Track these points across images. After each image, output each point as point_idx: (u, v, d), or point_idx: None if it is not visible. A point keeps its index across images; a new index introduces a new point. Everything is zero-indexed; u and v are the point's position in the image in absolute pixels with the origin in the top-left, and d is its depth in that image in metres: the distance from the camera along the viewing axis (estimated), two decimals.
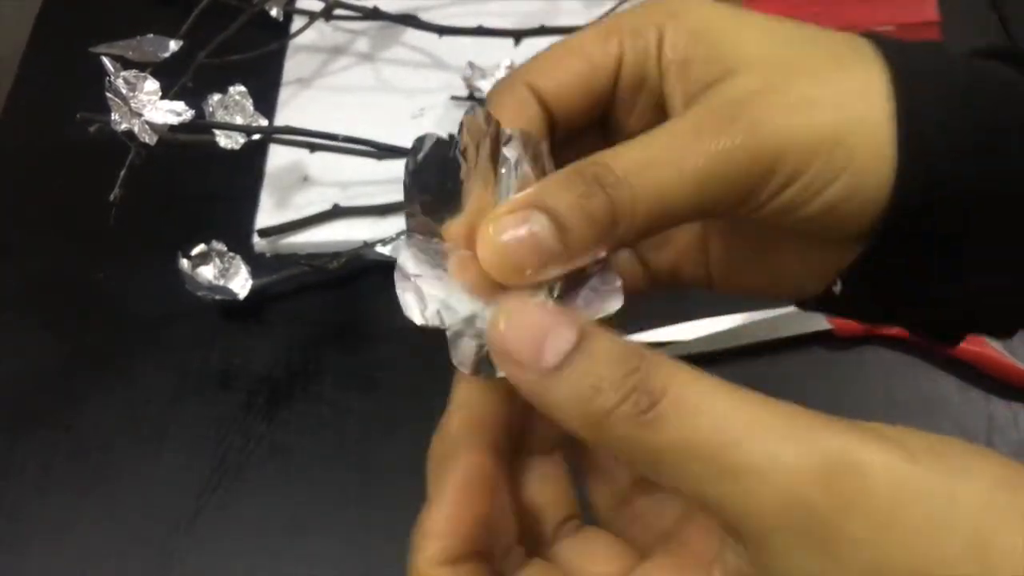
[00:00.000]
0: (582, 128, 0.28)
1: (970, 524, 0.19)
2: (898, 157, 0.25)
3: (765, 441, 0.20)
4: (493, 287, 0.24)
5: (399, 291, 0.25)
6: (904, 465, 0.20)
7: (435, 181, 0.26)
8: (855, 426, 0.21)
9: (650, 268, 0.31)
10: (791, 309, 0.52)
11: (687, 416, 0.20)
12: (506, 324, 0.22)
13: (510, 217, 0.23)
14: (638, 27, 0.27)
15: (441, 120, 0.61)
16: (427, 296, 0.24)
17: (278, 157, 0.60)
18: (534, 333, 0.22)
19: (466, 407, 0.25)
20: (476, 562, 0.24)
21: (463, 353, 0.24)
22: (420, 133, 0.28)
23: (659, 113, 0.27)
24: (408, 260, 0.25)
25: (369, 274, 0.55)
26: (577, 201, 0.23)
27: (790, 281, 0.29)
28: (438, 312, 0.24)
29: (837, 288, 0.28)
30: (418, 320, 0.24)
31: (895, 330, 0.51)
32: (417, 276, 0.25)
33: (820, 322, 0.51)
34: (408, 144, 0.27)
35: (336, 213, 0.57)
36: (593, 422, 0.21)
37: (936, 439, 0.21)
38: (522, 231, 0.23)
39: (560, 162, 0.26)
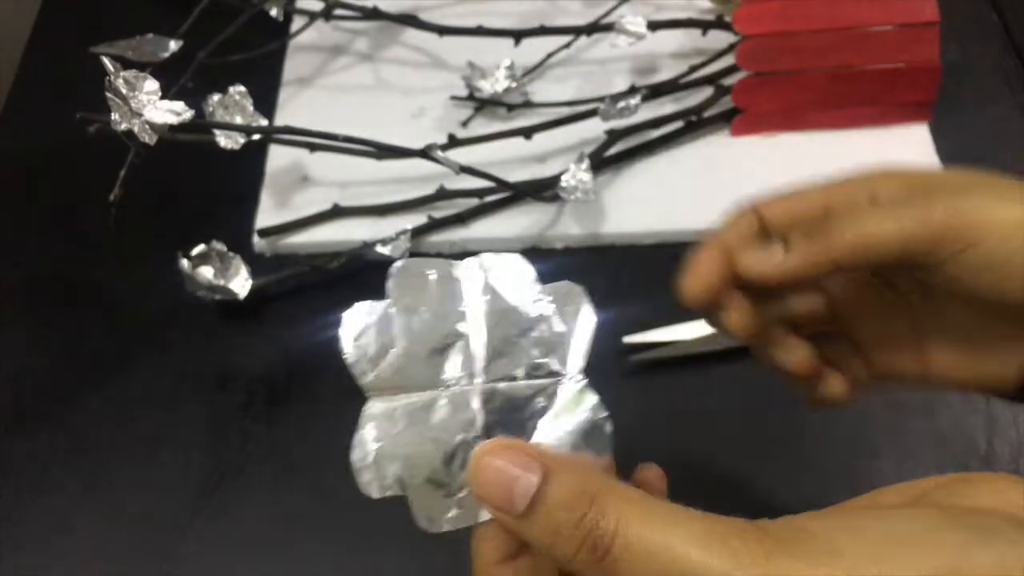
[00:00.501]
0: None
1: None
2: None
3: (710, 570, 0.22)
4: None
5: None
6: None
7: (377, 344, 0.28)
8: (790, 542, 0.22)
9: (873, 366, 0.36)
10: None
11: (638, 556, 0.23)
12: (482, 467, 0.25)
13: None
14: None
15: (441, 120, 0.61)
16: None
17: (278, 157, 0.60)
18: (503, 479, 0.24)
19: None
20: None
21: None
22: (420, 133, 0.29)
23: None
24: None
25: (369, 274, 0.55)
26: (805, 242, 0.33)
27: (997, 372, 0.33)
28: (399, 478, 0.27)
29: None
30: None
31: None
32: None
33: None
34: (408, 144, 0.28)
35: (336, 213, 0.57)
36: (562, 562, 0.24)
37: (877, 531, 0.22)
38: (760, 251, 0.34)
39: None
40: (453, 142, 0.57)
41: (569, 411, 0.27)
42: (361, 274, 0.55)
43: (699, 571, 0.22)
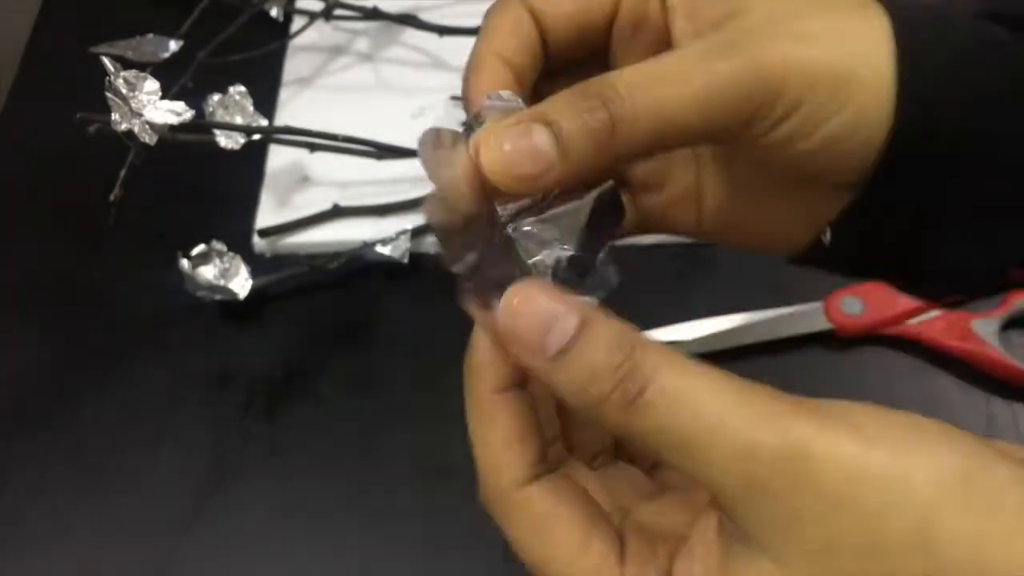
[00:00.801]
0: (576, 60, 0.30)
1: (918, 510, 0.21)
2: (898, 97, 0.26)
3: (734, 429, 0.22)
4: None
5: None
6: (857, 450, 0.22)
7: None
8: (819, 413, 0.22)
9: (643, 211, 0.32)
10: (792, 309, 0.52)
11: (669, 404, 0.23)
12: (515, 310, 0.24)
13: (514, 128, 0.25)
14: None
15: (441, 120, 0.61)
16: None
17: (278, 157, 0.60)
18: (540, 321, 0.24)
19: None
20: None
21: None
22: (420, 133, 0.29)
23: (658, 51, 0.28)
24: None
25: (369, 274, 0.55)
26: (579, 115, 0.25)
27: (782, 231, 0.31)
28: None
29: (827, 238, 0.30)
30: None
31: (895, 330, 0.51)
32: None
33: (820, 322, 0.51)
34: (408, 144, 0.28)
35: (336, 213, 0.57)
36: (590, 406, 0.23)
37: (904, 424, 0.23)
38: (523, 141, 0.25)
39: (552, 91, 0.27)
40: None
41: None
42: (361, 274, 0.55)
43: (724, 424, 0.22)
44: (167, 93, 0.45)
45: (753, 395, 0.23)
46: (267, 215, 0.58)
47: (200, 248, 0.53)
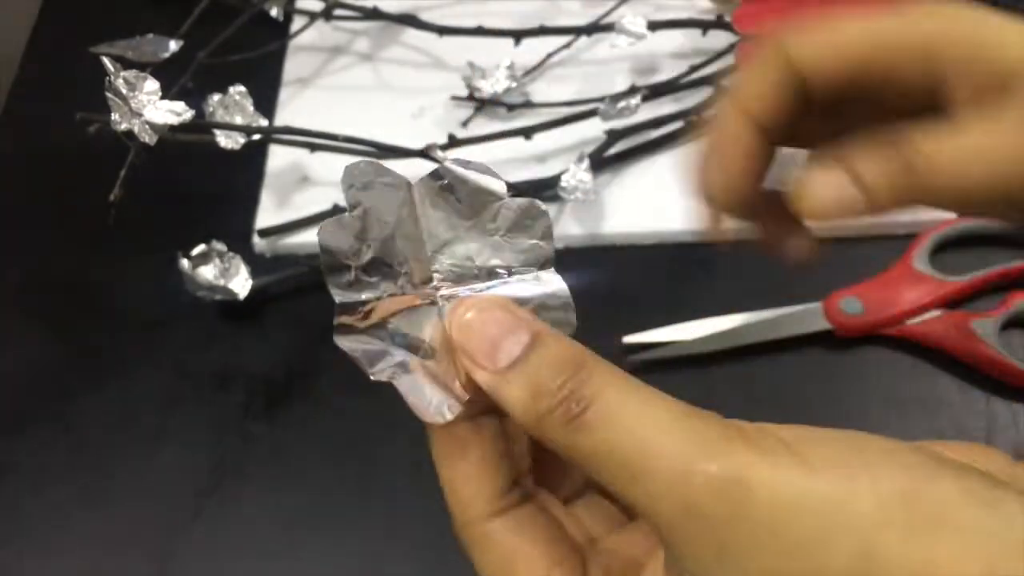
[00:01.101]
0: (833, 102, 0.32)
1: (860, 534, 0.20)
2: None
3: (672, 453, 0.22)
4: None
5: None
6: (796, 479, 0.21)
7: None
8: (757, 438, 0.22)
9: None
10: (791, 309, 0.52)
11: (608, 425, 0.23)
12: (467, 323, 0.24)
13: (826, 177, 0.29)
14: (909, 23, 0.30)
15: (441, 120, 0.61)
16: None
17: (278, 157, 0.60)
18: (493, 333, 0.24)
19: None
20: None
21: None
22: (420, 133, 0.29)
23: (919, 100, 0.30)
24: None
25: None
26: (884, 170, 0.28)
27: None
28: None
29: None
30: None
31: (895, 330, 0.51)
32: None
33: (820, 322, 0.51)
34: (408, 144, 0.28)
35: (336, 213, 0.56)
36: (534, 422, 0.23)
37: (845, 446, 0.22)
38: (831, 191, 0.29)
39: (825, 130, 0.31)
40: (453, 142, 0.57)
41: (539, 297, 0.27)
42: None
43: (659, 448, 0.22)
44: (167, 93, 0.45)
45: (695, 420, 0.23)
46: (267, 215, 0.58)
47: (200, 248, 0.53)
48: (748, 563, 0.21)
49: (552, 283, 0.27)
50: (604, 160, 0.58)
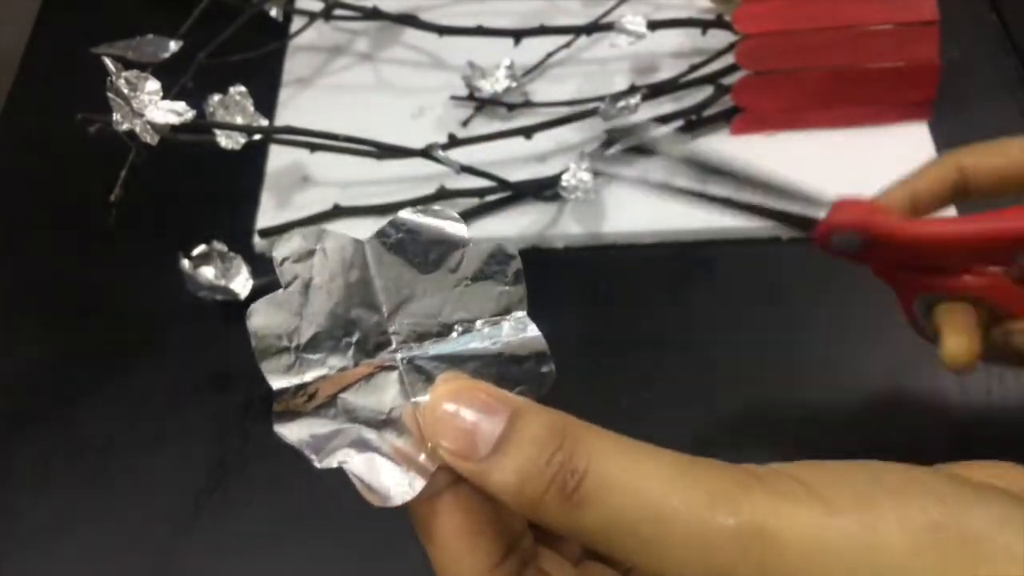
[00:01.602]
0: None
1: (890, 573, 0.20)
2: None
3: (687, 514, 0.21)
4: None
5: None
6: (819, 521, 0.20)
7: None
8: (770, 482, 0.21)
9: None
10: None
11: (609, 495, 0.21)
12: (440, 417, 0.23)
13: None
14: None
15: (441, 120, 0.61)
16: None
17: (278, 157, 0.60)
18: (469, 421, 0.23)
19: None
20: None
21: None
22: (420, 133, 0.28)
23: None
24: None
25: None
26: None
27: None
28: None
29: None
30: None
31: None
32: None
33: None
34: (408, 144, 0.27)
35: (336, 213, 0.57)
36: (528, 507, 0.22)
37: (863, 479, 0.21)
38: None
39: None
40: (453, 142, 0.57)
41: (510, 348, 0.25)
42: None
43: (672, 508, 0.21)
44: (167, 93, 0.45)
45: (699, 472, 0.21)
46: (267, 215, 0.58)
47: (201, 248, 0.53)
48: None
49: (525, 332, 0.25)
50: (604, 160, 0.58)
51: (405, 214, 0.25)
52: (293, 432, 0.25)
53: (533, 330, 0.25)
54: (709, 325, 0.54)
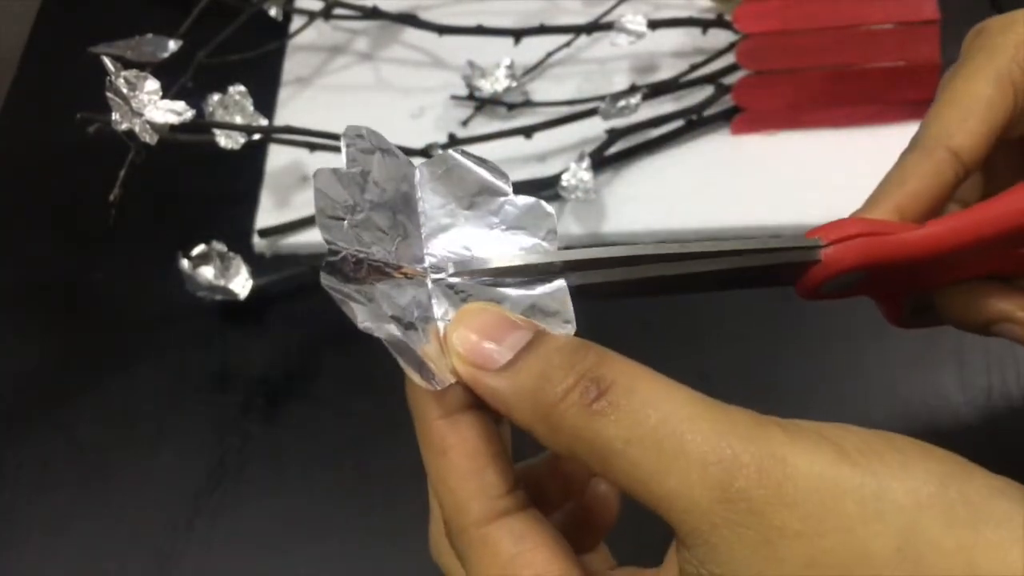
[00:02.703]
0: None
1: (900, 520, 0.20)
2: None
3: (707, 435, 0.21)
4: None
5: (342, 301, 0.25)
6: (834, 462, 0.21)
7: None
8: (791, 426, 0.22)
9: None
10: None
11: (634, 406, 0.21)
12: (467, 322, 0.23)
13: None
14: None
15: (441, 119, 0.61)
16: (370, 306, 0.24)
17: (278, 157, 0.60)
18: (493, 333, 0.23)
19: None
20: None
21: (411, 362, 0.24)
22: (420, 132, 0.28)
23: None
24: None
25: None
26: None
27: None
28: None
29: None
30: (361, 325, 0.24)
31: None
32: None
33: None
34: (408, 144, 0.27)
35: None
36: (544, 413, 0.22)
37: (878, 439, 0.22)
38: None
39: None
40: (453, 142, 0.57)
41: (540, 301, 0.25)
42: None
43: (699, 429, 0.21)
44: (167, 93, 0.45)
45: (725, 408, 0.22)
46: (267, 215, 0.58)
47: (200, 248, 0.53)
48: (787, 550, 0.20)
49: (551, 283, 0.26)
50: (605, 159, 0.58)
51: (454, 153, 0.26)
52: (337, 286, 0.25)
53: (560, 283, 0.26)
54: (709, 325, 0.53)
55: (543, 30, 0.60)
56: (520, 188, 0.46)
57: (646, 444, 0.21)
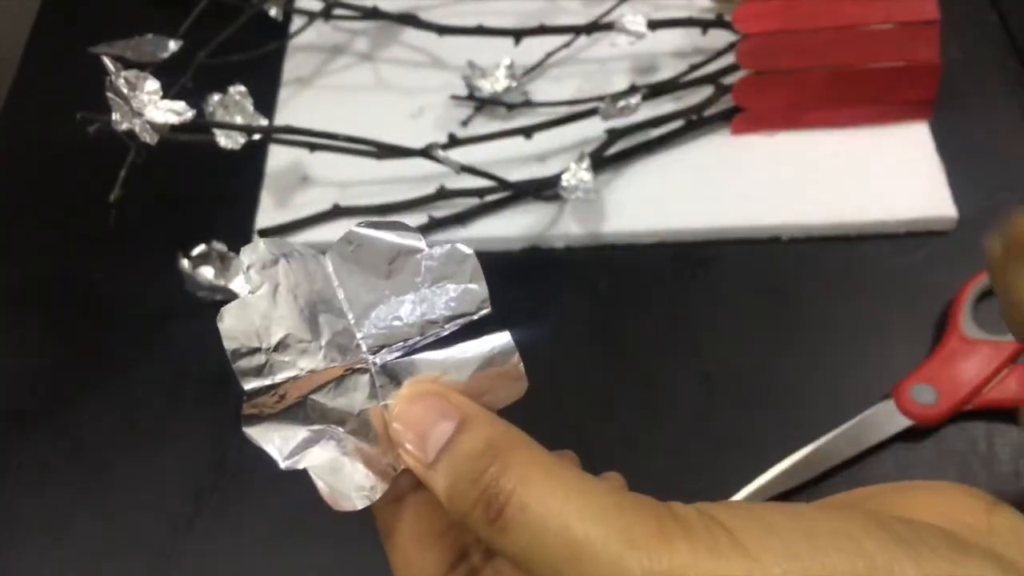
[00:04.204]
0: None
1: None
2: None
3: (601, 555, 0.20)
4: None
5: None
6: (738, 572, 0.20)
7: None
8: (694, 529, 0.21)
9: None
10: (864, 415, 0.49)
11: (529, 525, 0.21)
12: (400, 413, 0.24)
13: None
14: None
15: (441, 120, 0.61)
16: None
17: (278, 157, 0.60)
18: (424, 422, 0.23)
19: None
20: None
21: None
22: (420, 132, 0.28)
23: None
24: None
25: None
26: None
27: None
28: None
29: None
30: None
31: (972, 404, 0.49)
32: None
33: (899, 420, 0.49)
34: (408, 144, 0.27)
35: (336, 213, 0.57)
36: (459, 518, 0.22)
37: (793, 528, 0.20)
38: None
39: None
40: (453, 142, 0.57)
41: (481, 353, 0.25)
42: None
43: (590, 548, 0.20)
44: (167, 93, 0.45)
45: (623, 513, 0.21)
46: (267, 215, 0.58)
47: (200, 248, 0.53)
48: None
49: (498, 339, 0.25)
50: (604, 159, 0.58)
51: (359, 228, 0.26)
52: (261, 433, 0.26)
53: (506, 338, 0.25)
54: (709, 325, 0.54)
55: (543, 30, 0.60)
56: (520, 188, 0.46)
57: (542, 563, 0.21)
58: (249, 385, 0.25)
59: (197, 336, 0.55)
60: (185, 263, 0.53)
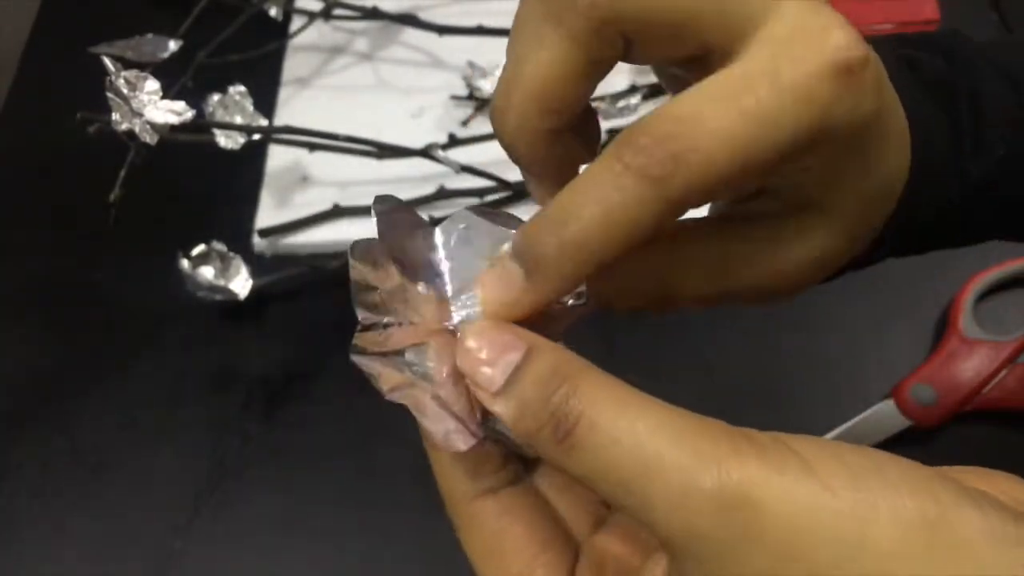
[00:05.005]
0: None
1: (876, 562, 0.19)
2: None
3: (672, 471, 0.20)
4: None
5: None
6: (808, 496, 0.20)
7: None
8: (767, 451, 0.21)
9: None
10: (864, 415, 0.49)
11: (600, 443, 0.21)
12: (467, 349, 0.24)
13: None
14: None
15: (441, 120, 0.61)
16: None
17: (278, 157, 0.60)
18: (490, 356, 0.23)
19: None
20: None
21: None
22: (420, 132, 0.29)
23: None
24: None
25: None
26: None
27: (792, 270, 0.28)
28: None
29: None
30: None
31: (971, 405, 0.49)
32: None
33: (899, 420, 0.49)
34: (408, 144, 0.27)
35: (336, 213, 0.57)
36: (526, 440, 0.23)
37: (863, 464, 0.20)
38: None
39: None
40: (453, 142, 0.57)
41: None
42: None
43: (659, 463, 0.20)
44: (167, 93, 0.45)
45: (699, 430, 0.21)
46: (267, 215, 0.58)
47: (200, 248, 0.53)
48: None
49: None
50: None
51: (472, 213, 0.27)
52: (367, 364, 0.26)
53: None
54: (708, 324, 0.53)
55: None
56: (520, 188, 0.46)
57: (611, 482, 0.21)
58: (362, 315, 0.26)
59: (197, 336, 0.55)
60: (184, 263, 0.53)
